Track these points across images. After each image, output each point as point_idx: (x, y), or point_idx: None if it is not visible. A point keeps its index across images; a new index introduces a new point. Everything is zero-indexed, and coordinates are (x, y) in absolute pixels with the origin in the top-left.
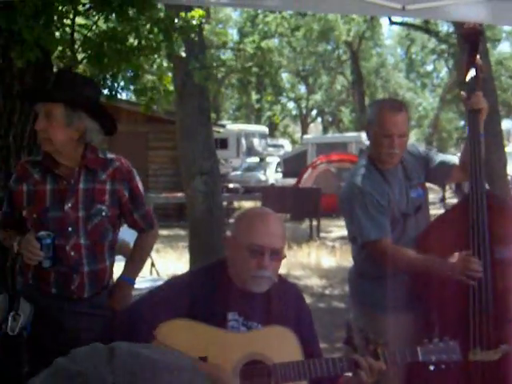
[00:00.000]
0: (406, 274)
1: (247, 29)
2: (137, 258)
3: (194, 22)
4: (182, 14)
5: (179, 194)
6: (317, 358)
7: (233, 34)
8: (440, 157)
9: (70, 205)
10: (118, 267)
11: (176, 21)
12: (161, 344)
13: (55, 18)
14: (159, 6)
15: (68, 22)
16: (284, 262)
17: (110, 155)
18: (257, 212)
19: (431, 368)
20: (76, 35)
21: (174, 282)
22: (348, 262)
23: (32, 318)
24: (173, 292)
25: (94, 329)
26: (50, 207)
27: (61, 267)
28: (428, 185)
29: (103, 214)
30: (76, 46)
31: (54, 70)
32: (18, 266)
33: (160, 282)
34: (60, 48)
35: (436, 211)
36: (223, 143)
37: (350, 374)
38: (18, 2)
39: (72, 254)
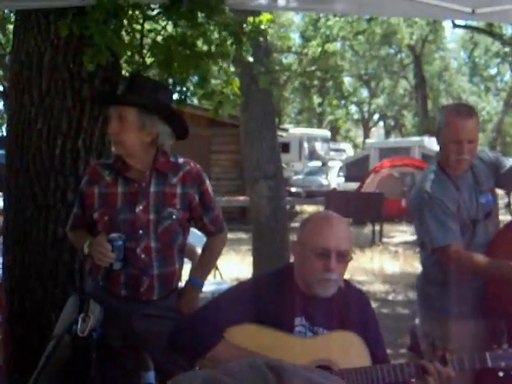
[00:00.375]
0: (476, 280)
1: (309, 33)
2: (205, 262)
3: (263, 27)
4: (250, 19)
5: (241, 198)
6: (384, 363)
7: (295, 38)
8: (510, 162)
9: (141, 207)
10: (184, 270)
11: (244, 26)
12: (230, 347)
13: (125, 22)
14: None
15: (137, 26)
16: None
17: (180, 159)
18: (323, 215)
19: (500, 374)
20: (144, 40)
21: (242, 287)
22: (412, 267)
23: (101, 320)
24: (240, 296)
25: (162, 331)
26: (122, 210)
27: (131, 269)
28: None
29: (174, 217)
30: (144, 51)
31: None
32: (88, 268)
33: (224, 286)
34: (128, 52)
35: (502, 217)
36: (285, 147)
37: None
38: (89, 7)
39: (142, 256)
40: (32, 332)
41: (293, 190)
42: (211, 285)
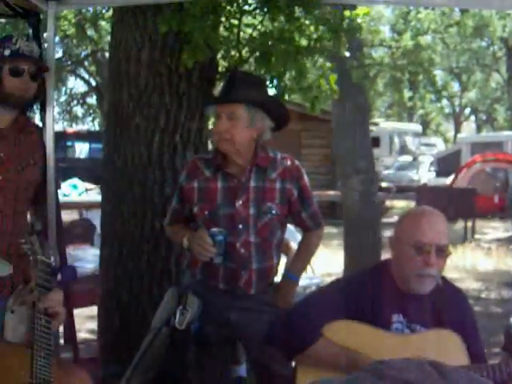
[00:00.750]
0: None
1: (399, 26)
2: (302, 257)
3: (359, 21)
4: (347, 13)
5: (332, 192)
6: (481, 363)
7: (385, 32)
8: None
9: (240, 202)
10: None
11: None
12: (328, 344)
13: (223, 18)
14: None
15: (234, 21)
16: None
17: (279, 154)
18: (421, 210)
19: None
20: (241, 35)
21: (339, 283)
22: (505, 265)
23: (199, 313)
24: (338, 293)
25: (258, 325)
26: (221, 204)
27: (230, 263)
28: None
29: (273, 212)
30: (240, 46)
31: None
32: (186, 261)
33: (316, 280)
34: (224, 47)
35: None
36: (375, 141)
37: None
38: (187, 3)
39: (242, 250)
40: (128, 323)
41: (383, 184)
42: (303, 279)
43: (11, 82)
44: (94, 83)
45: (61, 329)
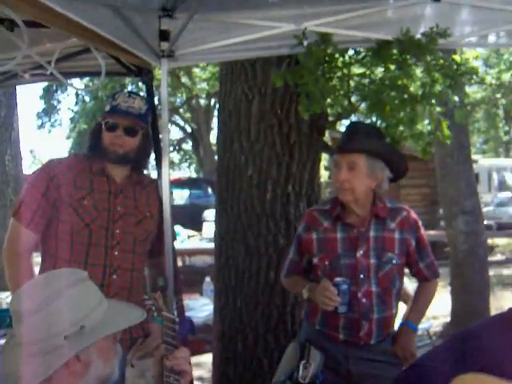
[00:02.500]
0: None
1: (491, 60)
2: (420, 306)
3: (471, 65)
4: (457, 58)
5: (432, 232)
6: None
7: (478, 67)
8: None
9: (361, 252)
10: None
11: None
12: None
13: (335, 69)
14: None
15: (345, 71)
16: None
17: (396, 204)
18: None
19: None
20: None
21: (467, 334)
22: None
23: (322, 366)
24: (466, 345)
25: (378, 375)
26: (342, 254)
27: (351, 314)
28: None
29: (393, 261)
30: (349, 94)
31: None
32: (304, 312)
33: (425, 325)
34: (332, 96)
35: None
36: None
37: None
38: (302, 56)
39: (363, 300)
40: (243, 375)
41: (484, 222)
42: None
43: (106, 136)
44: (189, 129)
45: None
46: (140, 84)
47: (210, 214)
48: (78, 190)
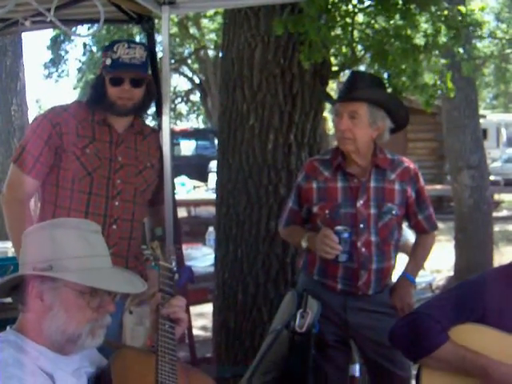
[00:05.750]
0: None
1: (504, 14)
2: (419, 258)
3: (476, 16)
4: (462, 9)
5: (438, 187)
6: None
7: (490, 21)
8: None
9: (361, 202)
10: None
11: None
12: (455, 347)
13: (338, 17)
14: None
15: (348, 20)
16: None
17: (396, 156)
18: None
19: None
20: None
21: (467, 286)
22: None
23: (319, 316)
24: (466, 296)
25: (375, 325)
26: (342, 204)
27: (350, 263)
28: None
29: (393, 212)
30: (354, 44)
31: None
32: (302, 262)
33: (427, 278)
34: (336, 46)
35: None
36: (483, 134)
37: None
38: (304, 4)
39: (363, 250)
40: (243, 324)
41: (491, 178)
42: None
43: (112, 91)
44: (197, 81)
45: None
46: None
47: (216, 165)
48: (81, 139)
